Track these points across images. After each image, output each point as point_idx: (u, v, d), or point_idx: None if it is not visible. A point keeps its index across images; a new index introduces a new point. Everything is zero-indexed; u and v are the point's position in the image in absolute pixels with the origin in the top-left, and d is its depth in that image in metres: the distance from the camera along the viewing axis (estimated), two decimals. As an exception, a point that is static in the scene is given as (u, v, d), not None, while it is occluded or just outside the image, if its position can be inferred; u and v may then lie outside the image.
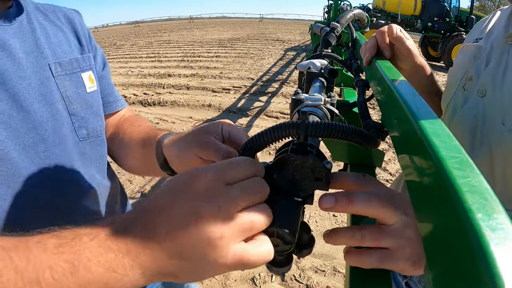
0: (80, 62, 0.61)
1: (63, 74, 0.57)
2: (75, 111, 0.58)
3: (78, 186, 0.57)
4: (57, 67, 0.56)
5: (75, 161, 0.57)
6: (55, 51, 0.57)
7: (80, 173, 0.58)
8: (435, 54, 10.58)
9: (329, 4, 7.11)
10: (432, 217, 0.24)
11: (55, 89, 0.55)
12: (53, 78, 0.55)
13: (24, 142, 0.48)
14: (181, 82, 6.22)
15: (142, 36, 17.89)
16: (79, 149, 0.58)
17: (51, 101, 0.53)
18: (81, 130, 0.59)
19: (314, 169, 0.36)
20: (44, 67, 0.54)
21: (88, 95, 0.61)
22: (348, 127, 0.38)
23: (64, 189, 0.54)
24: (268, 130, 0.38)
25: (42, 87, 0.52)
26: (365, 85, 0.71)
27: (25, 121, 0.48)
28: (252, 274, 1.83)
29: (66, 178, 0.55)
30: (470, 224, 0.18)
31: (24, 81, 0.49)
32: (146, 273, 0.29)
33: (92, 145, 0.61)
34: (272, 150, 3.12)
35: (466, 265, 0.18)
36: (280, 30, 20.47)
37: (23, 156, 0.48)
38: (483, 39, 0.74)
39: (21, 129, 0.48)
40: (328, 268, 1.90)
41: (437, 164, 0.24)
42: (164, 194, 0.32)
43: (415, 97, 0.38)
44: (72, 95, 0.57)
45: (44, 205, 0.51)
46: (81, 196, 0.58)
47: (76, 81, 0.59)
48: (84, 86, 0.61)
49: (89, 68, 0.63)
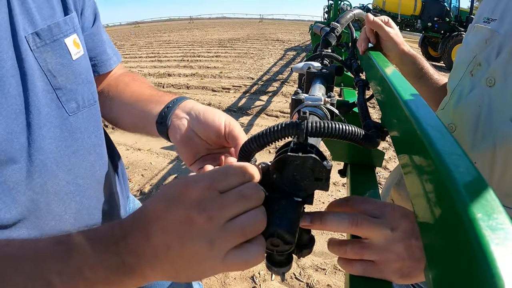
0: (61, 26, 0.53)
1: (43, 44, 0.50)
2: (60, 84, 0.53)
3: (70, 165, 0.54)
4: (35, 39, 0.49)
5: (64, 139, 0.53)
6: (33, 18, 0.50)
7: (71, 151, 0.55)
8: (435, 54, 10.58)
9: (329, 4, 7.12)
10: (432, 217, 0.24)
11: (35, 65, 0.49)
12: (31, 52, 0.49)
13: (14, 129, 0.46)
14: (181, 82, 6.22)
15: (142, 36, 17.88)
16: (69, 124, 0.54)
17: (32, 80, 0.48)
18: (69, 103, 0.54)
19: (314, 169, 0.36)
20: (21, 40, 0.47)
21: (75, 63, 0.55)
22: (348, 127, 0.38)
23: (55, 171, 0.52)
24: (268, 130, 0.38)
25: (24, 64, 0.47)
26: (365, 85, 0.71)
27: (13, 107, 0.46)
28: (251, 272, 1.83)
29: (57, 159, 0.52)
30: (470, 224, 0.18)
31: (7, 63, 0.45)
32: (145, 275, 0.32)
33: (83, 117, 0.57)
34: (272, 149, 3.12)
35: (466, 265, 0.18)
36: (280, 31, 20.46)
37: (15, 143, 0.46)
38: (496, 21, 0.67)
39: (10, 115, 0.45)
40: (328, 266, 1.90)
41: (437, 164, 0.24)
42: (159, 201, 0.33)
43: (415, 97, 0.38)
44: (55, 67, 0.52)
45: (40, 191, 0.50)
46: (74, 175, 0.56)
47: (59, 50, 0.53)
48: (69, 53, 0.54)
49: (73, 31, 0.55)
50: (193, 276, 0.33)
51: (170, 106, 0.56)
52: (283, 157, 0.36)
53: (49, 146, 0.51)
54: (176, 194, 0.33)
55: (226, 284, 1.78)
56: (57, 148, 0.52)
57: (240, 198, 0.33)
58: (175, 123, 0.55)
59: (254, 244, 0.33)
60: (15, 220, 0.47)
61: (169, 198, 0.33)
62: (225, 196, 0.33)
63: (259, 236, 0.33)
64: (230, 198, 0.32)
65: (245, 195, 0.33)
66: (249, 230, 0.32)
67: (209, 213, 0.31)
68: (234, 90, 5.66)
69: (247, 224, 0.32)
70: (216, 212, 0.31)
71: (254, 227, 0.32)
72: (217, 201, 0.32)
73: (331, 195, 2.60)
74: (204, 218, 0.30)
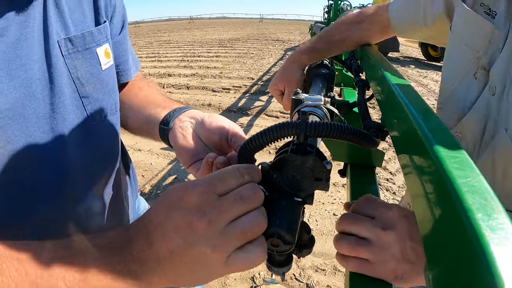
0: (94, 35, 0.53)
1: (74, 51, 0.50)
2: (87, 93, 0.52)
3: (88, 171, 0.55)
4: (67, 44, 0.49)
5: (86, 147, 0.54)
6: (66, 23, 0.49)
7: (91, 158, 0.55)
8: (435, 54, 10.57)
9: (329, 4, 7.11)
10: (432, 217, 0.24)
11: (65, 71, 0.49)
12: (62, 57, 0.48)
13: (34, 133, 0.45)
14: (181, 82, 6.22)
15: (142, 36, 17.87)
16: (91, 134, 0.55)
17: (60, 86, 0.48)
18: (94, 112, 0.55)
19: (314, 169, 0.36)
20: (53, 44, 0.47)
21: (103, 73, 0.55)
22: (347, 127, 0.38)
23: (74, 177, 0.52)
24: (268, 129, 0.38)
25: (53, 69, 0.47)
26: (365, 85, 0.71)
27: (36, 111, 0.45)
28: (251, 273, 1.83)
29: (76, 166, 0.52)
30: (470, 224, 0.18)
31: (36, 65, 0.44)
32: (150, 282, 0.32)
33: (105, 125, 0.58)
34: (272, 150, 3.12)
35: (466, 265, 0.18)
36: (280, 31, 20.47)
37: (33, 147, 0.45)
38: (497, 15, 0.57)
39: (32, 118, 0.45)
40: (328, 267, 1.90)
41: (437, 164, 0.24)
42: (159, 208, 0.34)
43: (415, 97, 0.38)
44: (84, 76, 0.52)
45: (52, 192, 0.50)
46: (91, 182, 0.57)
47: (90, 59, 0.52)
48: (99, 63, 0.54)
49: (105, 41, 0.55)
50: (196, 280, 0.33)
51: (176, 111, 0.57)
52: (283, 157, 0.36)
53: (71, 153, 0.51)
54: (176, 200, 0.33)
55: (226, 285, 1.78)
56: (80, 156, 0.52)
57: (239, 200, 0.32)
58: (177, 125, 0.55)
59: (255, 245, 0.33)
60: (29, 220, 0.47)
61: (169, 204, 0.33)
62: (224, 199, 0.33)
63: (260, 236, 0.34)
64: (229, 201, 0.32)
65: (244, 197, 0.33)
66: (249, 232, 0.32)
67: (209, 217, 0.31)
68: (234, 91, 5.65)
69: (247, 226, 0.32)
70: (216, 216, 0.31)
71: (255, 229, 0.33)
72: (216, 205, 0.32)
73: (331, 195, 2.61)
74: (204, 222, 0.31)
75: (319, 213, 2.40)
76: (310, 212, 2.39)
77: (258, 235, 0.33)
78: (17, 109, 0.42)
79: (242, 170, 0.35)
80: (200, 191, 0.32)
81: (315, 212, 2.40)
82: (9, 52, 0.41)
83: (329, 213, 2.40)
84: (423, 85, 6.98)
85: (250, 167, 0.36)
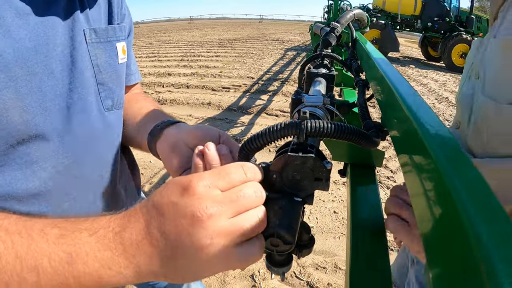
0: (116, 31, 0.59)
1: (97, 41, 0.56)
2: (103, 80, 0.57)
3: (96, 154, 0.57)
4: (91, 34, 0.54)
5: (96, 129, 0.56)
6: (88, 17, 0.55)
7: (100, 142, 0.57)
8: (435, 54, 10.58)
9: (329, 4, 7.11)
10: (432, 217, 0.24)
11: (87, 56, 0.54)
12: (86, 44, 0.54)
13: (49, 107, 0.48)
14: (180, 81, 6.22)
15: (141, 36, 17.85)
16: (103, 119, 0.58)
17: (81, 69, 0.52)
18: (106, 100, 0.58)
19: (314, 169, 0.36)
20: (79, 32, 0.52)
21: (119, 66, 0.61)
22: (347, 127, 0.38)
23: (82, 157, 0.54)
24: (268, 129, 0.38)
25: (75, 52, 0.52)
26: (365, 85, 0.71)
27: (53, 88, 0.49)
28: (251, 271, 1.83)
29: (86, 146, 0.55)
30: (470, 224, 0.18)
31: (58, 48, 0.49)
32: (139, 273, 0.31)
33: (114, 116, 0.61)
34: (272, 149, 3.12)
35: (466, 265, 0.18)
36: (280, 31, 20.46)
37: (48, 121, 0.48)
38: None
39: (49, 94, 0.48)
40: (329, 265, 1.90)
41: (437, 163, 0.24)
42: (160, 198, 0.33)
43: (415, 97, 0.38)
44: (103, 64, 0.57)
45: (62, 171, 0.52)
46: (98, 165, 0.58)
47: (109, 50, 0.58)
48: (117, 56, 0.60)
49: (123, 39, 0.62)
50: (189, 275, 0.32)
51: (166, 122, 0.58)
52: (283, 157, 0.36)
53: (83, 133, 0.53)
54: (179, 191, 0.32)
55: (226, 282, 1.78)
56: (90, 137, 0.55)
57: (241, 197, 0.33)
58: (165, 134, 0.55)
59: (253, 244, 0.33)
60: (31, 193, 0.49)
61: (171, 195, 0.32)
62: (226, 194, 0.33)
63: (258, 235, 0.34)
64: (231, 197, 0.32)
65: (246, 194, 0.33)
66: (248, 230, 0.32)
67: (210, 211, 0.31)
68: (234, 90, 5.65)
69: (247, 224, 0.32)
70: (217, 211, 0.31)
71: (254, 227, 0.33)
72: (218, 200, 0.32)
73: (331, 193, 2.61)
74: (204, 216, 0.30)
75: (320, 210, 2.40)
76: (310, 210, 2.39)
77: (256, 233, 0.33)
78: (35, 82, 0.46)
79: (245, 168, 0.35)
80: (203, 185, 0.32)
81: (316, 210, 2.40)
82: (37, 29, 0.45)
83: (330, 210, 2.40)
84: (423, 84, 6.98)
85: (253, 166, 0.36)
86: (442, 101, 5.71)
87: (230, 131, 3.85)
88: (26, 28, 0.44)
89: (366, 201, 0.67)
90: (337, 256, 1.98)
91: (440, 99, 5.81)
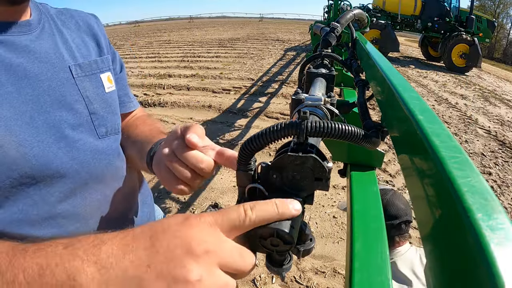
0: (99, 64, 0.64)
1: (83, 75, 0.60)
2: (95, 110, 0.61)
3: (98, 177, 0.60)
4: (77, 69, 0.59)
5: (94, 155, 0.59)
6: (74, 54, 0.60)
7: (99, 165, 0.60)
8: (435, 54, 10.58)
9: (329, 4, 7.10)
10: (433, 217, 0.24)
11: (75, 90, 0.58)
12: (73, 79, 0.58)
13: (46, 139, 0.51)
14: (181, 83, 6.22)
15: (142, 36, 17.86)
16: (98, 145, 0.61)
17: (70, 101, 0.56)
18: (100, 128, 0.62)
19: (314, 169, 0.36)
20: (64, 69, 0.57)
21: (107, 95, 0.65)
22: (347, 127, 0.38)
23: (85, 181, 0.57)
24: (268, 129, 0.38)
25: (62, 88, 0.56)
26: (365, 85, 0.71)
27: (46, 121, 0.52)
28: (252, 276, 1.83)
29: (88, 170, 0.58)
30: (470, 224, 0.18)
31: (45, 83, 0.53)
32: None
33: (110, 141, 0.64)
34: (272, 151, 3.12)
35: (466, 265, 0.18)
36: (280, 30, 20.46)
37: (47, 151, 0.51)
38: None
39: (42, 128, 0.51)
40: (328, 269, 1.90)
41: (437, 164, 0.24)
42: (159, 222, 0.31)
43: (415, 97, 0.38)
44: (92, 95, 0.61)
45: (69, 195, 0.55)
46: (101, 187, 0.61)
47: (95, 82, 0.62)
48: (103, 86, 0.64)
49: (107, 70, 0.66)
50: None
51: (160, 140, 0.59)
52: (283, 157, 0.36)
53: (84, 157, 0.57)
54: (181, 219, 0.30)
55: (226, 284, 1.78)
56: (92, 160, 0.59)
57: (239, 256, 0.31)
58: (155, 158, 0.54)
59: None
60: (42, 217, 0.52)
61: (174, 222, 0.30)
62: (227, 242, 0.30)
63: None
64: (232, 250, 0.30)
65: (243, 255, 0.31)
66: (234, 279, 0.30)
67: (208, 246, 0.29)
68: (234, 92, 5.66)
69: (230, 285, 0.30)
70: (216, 249, 0.29)
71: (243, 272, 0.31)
72: (219, 241, 0.30)
73: (331, 198, 2.61)
74: (202, 250, 0.28)
75: (319, 215, 2.40)
76: (310, 215, 2.38)
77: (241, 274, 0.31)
78: (25, 120, 0.49)
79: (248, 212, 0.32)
80: (208, 222, 0.30)
81: (315, 215, 2.40)
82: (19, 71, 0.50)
83: (329, 215, 2.40)
84: (423, 85, 6.98)
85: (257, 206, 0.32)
86: (441, 102, 5.70)
87: (230, 134, 3.85)
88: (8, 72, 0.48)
89: (366, 201, 0.66)
90: (336, 260, 1.97)
91: (439, 100, 5.81)
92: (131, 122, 0.78)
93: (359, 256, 0.50)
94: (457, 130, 4.52)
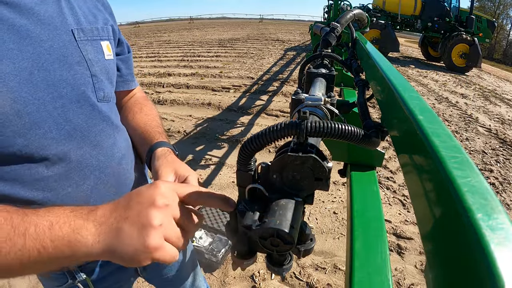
0: (100, 31, 0.66)
1: (85, 39, 0.61)
2: (96, 72, 0.63)
3: (93, 141, 0.62)
4: (79, 33, 0.60)
5: (92, 118, 0.61)
6: (79, 20, 0.62)
7: (95, 129, 0.62)
8: (435, 54, 10.58)
9: (329, 4, 7.10)
10: (432, 217, 0.24)
11: (77, 52, 0.59)
12: (76, 42, 0.59)
13: (42, 97, 0.52)
14: (181, 81, 6.21)
15: (142, 36, 17.84)
16: (96, 108, 0.62)
17: (71, 62, 0.57)
18: (99, 91, 0.64)
19: (314, 169, 0.36)
20: (67, 32, 0.58)
21: (106, 62, 0.67)
22: (347, 127, 0.38)
23: (80, 144, 0.59)
24: (268, 129, 0.38)
25: (64, 49, 0.57)
26: (365, 85, 0.71)
27: (45, 79, 0.52)
28: (251, 271, 1.83)
29: (82, 133, 0.59)
30: (470, 224, 0.18)
31: (46, 43, 0.54)
32: (100, 242, 0.39)
33: (107, 107, 0.67)
34: (272, 149, 3.12)
35: (466, 265, 0.18)
36: (280, 31, 20.45)
37: (42, 110, 0.52)
38: None
39: (41, 85, 0.52)
40: (328, 265, 1.90)
41: (437, 164, 0.24)
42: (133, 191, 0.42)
43: (415, 97, 0.38)
44: (93, 59, 0.63)
45: (60, 159, 0.56)
46: (96, 152, 0.62)
47: (96, 47, 0.64)
48: (103, 53, 0.66)
49: (107, 39, 0.68)
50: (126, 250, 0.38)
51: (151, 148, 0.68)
52: (283, 157, 0.36)
53: (78, 120, 0.58)
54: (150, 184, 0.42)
55: (226, 283, 1.78)
56: (86, 124, 0.60)
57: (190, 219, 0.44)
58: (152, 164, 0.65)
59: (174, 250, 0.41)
60: (35, 178, 0.53)
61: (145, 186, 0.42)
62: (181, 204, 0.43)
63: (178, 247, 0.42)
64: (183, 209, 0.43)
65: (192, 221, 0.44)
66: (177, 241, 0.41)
67: (168, 201, 0.41)
68: (234, 90, 5.65)
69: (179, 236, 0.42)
70: (173, 205, 0.41)
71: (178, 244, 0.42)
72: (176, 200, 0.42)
73: (331, 194, 2.61)
74: (162, 203, 0.40)
75: (319, 211, 2.40)
76: (310, 211, 2.39)
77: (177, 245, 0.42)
78: (24, 76, 0.50)
79: None
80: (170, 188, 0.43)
81: (315, 211, 2.40)
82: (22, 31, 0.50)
83: (329, 211, 2.40)
84: (423, 85, 6.98)
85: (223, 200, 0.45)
86: (442, 101, 5.71)
87: (230, 132, 3.85)
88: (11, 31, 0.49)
89: (366, 201, 0.67)
90: (337, 256, 1.98)
91: (440, 99, 5.81)
92: (130, 105, 0.82)
93: (359, 255, 0.50)
94: (457, 128, 4.52)
